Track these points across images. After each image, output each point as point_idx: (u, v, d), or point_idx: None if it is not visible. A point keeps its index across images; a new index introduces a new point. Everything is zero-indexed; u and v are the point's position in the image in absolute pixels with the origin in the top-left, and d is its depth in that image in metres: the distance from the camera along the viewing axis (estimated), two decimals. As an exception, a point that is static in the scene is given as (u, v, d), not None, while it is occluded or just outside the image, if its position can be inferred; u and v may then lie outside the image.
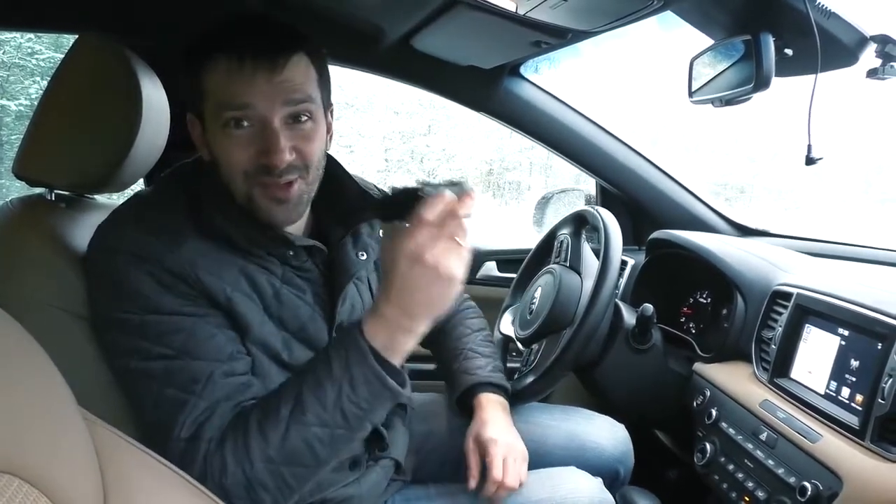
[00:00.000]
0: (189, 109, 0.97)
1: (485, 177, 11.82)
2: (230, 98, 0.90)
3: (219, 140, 0.92)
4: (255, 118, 0.91)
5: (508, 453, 1.14)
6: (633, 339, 1.41)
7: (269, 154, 0.91)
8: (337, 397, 0.85)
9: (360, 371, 0.85)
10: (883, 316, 1.01)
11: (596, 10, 1.17)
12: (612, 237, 1.32)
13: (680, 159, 11.63)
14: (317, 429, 0.86)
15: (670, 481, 1.78)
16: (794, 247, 1.72)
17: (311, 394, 0.86)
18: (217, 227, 0.94)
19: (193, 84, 0.93)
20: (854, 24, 1.10)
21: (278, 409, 0.87)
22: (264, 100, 0.90)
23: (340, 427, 0.87)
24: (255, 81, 0.89)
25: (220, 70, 0.89)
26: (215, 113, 0.91)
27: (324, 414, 0.86)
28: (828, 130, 7.96)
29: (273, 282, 0.97)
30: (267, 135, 0.91)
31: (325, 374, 0.87)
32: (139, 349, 0.88)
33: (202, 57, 0.91)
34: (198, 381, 0.87)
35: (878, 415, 0.95)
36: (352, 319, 1.05)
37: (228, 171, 0.93)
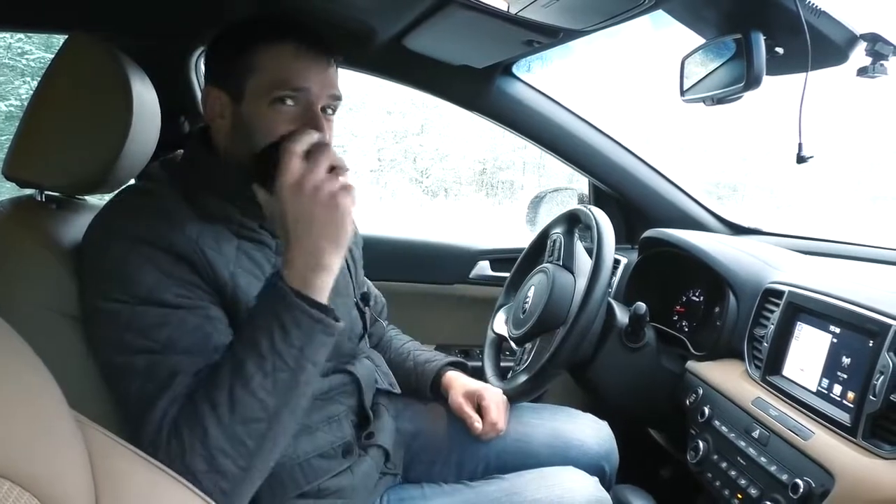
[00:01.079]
0: (213, 83, 1.01)
1: (478, 176, 11.80)
2: (291, 79, 0.97)
3: (262, 113, 0.97)
4: (303, 101, 0.98)
5: (499, 400, 1.32)
6: (626, 338, 1.41)
7: (316, 129, 0.97)
8: (271, 344, 0.85)
9: (286, 313, 0.86)
10: (874, 313, 1.02)
11: (587, 9, 1.17)
12: (605, 236, 1.32)
13: (672, 158, 11.66)
14: (259, 377, 0.85)
15: (664, 479, 1.78)
16: (786, 245, 1.72)
17: (248, 349, 0.86)
18: (211, 208, 0.97)
19: (237, 60, 0.98)
20: (844, 22, 1.11)
21: (219, 372, 0.86)
22: (317, 86, 0.99)
23: (281, 370, 0.86)
24: (313, 69, 0.99)
25: (285, 53, 0.97)
26: (266, 89, 0.97)
27: (263, 363, 0.85)
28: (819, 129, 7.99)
29: (269, 257, 1.02)
30: (313, 114, 0.98)
31: (256, 327, 0.87)
32: (125, 342, 0.88)
33: (264, 37, 0.98)
34: (176, 375, 0.87)
35: (869, 412, 0.96)
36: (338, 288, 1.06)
37: (264, 138, 0.97)
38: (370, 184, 10.96)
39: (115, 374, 0.90)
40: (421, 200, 11.28)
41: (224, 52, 1.01)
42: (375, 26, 1.44)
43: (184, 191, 0.98)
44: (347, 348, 1.15)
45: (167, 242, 0.90)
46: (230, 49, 1.00)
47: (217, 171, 1.00)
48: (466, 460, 1.31)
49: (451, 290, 2.11)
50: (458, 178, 11.85)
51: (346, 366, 1.14)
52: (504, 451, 1.31)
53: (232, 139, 1.01)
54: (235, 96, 0.99)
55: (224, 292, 0.95)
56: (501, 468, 1.28)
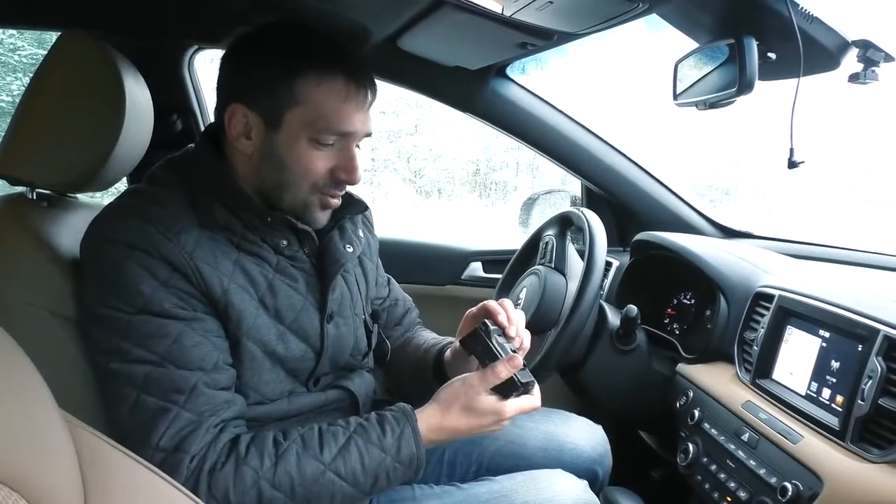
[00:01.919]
0: (242, 101, 0.96)
1: (471, 177, 11.81)
2: (338, 122, 0.95)
3: (299, 149, 0.96)
4: (342, 140, 0.98)
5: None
6: (618, 340, 1.42)
7: (350, 172, 0.99)
8: (379, 463, 0.93)
9: (408, 451, 0.94)
10: (863, 318, 1.02)
11: (582, 12, 1.17)
12: (597, 238, 1.33)
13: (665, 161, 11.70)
14: (346, 485, 0.92)
15: (654, 482, 1.79)
16: (776, 248, 1.73)
17: (357, 450, 0.93)
18: (215, 217, 0.95)
19: (278, 87, 0.94)
20: (836, 28, 1.11)
21: (321, 448, 0.92)
22: (360, 128, 0.98)
23: (363, 490, 0.94)
24: (360, 111, 0.98)
25: (335, 91, 0.94)
26: (310, 126, 0.95)
27: (360, 473, 0.92)
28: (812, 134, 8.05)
29: (266, 274, 0.99)
30: (350, 156, 0.99)
31: (376, 440, 0.94)
32: (121, 350, 0.87)
33: (314, 68, 0.94)
34: (181, 391, 0.88)
35: (857, 416, 0.97)
36: (342, 309, 1.11)
37: (298, 178, 0.98)
38: (364, 184, 10.94)
39: (111, 381, 0.89)
40: (414, 201, 11.28)
41: (258, 71, 0.95)
42: (370, 27, 1.43)
43: (188, 194, 0.96)
44: (349, 363, 1.14)
45: (162, 253, 0.89)
46: (268, 69, 0.94)
47: (226, 181, 0.98)
48: (459, 462, 1.31)
49: (444, 291, 2.11)
50: (452, 178, 11.86)
51: (344, 381, 1.12)
52: (497, 453, 1.31)
53: (257, 164, 0.99)
54: (271, 123, 0.96)
55: (217, 307, 0.94)
56: (494, 470, 1.28)
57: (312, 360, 1.05)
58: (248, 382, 0.98)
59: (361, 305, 1.19)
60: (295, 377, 1.04)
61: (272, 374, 1.00)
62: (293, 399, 1.03)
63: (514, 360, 0.97)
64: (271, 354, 0.99)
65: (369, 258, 1.27)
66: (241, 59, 0.99)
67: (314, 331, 1.04)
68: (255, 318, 0.96)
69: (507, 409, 0.98)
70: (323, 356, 1.05)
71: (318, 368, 1.06)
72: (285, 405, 1.02)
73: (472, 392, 0.97)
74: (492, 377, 0.97)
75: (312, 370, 1.05)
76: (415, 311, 1.46)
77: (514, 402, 0.99)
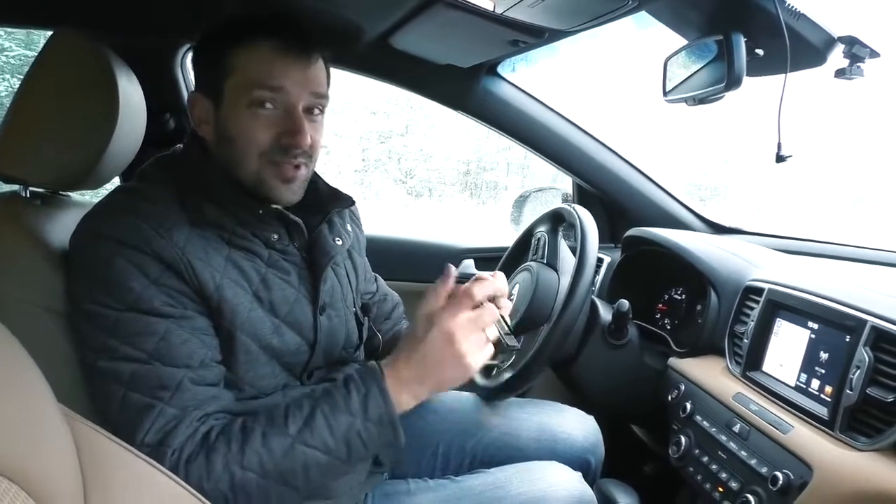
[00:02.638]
0: (198, 88, 1.02)
1: (462, 177, 11.83)
2: (267, 79, 0.95)
3: (240, 117, 0.97)
4: (282, 102, 0.97)
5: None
6: (610, 335, 1.43)
7: (293, 135, 0.97)
8: (348, 429, 0.90)
9: (376, 409, 0.91)
10: (851, 309, 1.04)
11: (572, 10, 1.18)
12: (589, 235, 1.33)
13: (655, 159, 11.75)
14: (319, 454, 0.89)
15: (646, 476, 1.80)
16: (766, 244, 1.75)
17: (324, 419, 0.90)
18: (205, 214, 0.96)
19: (216, 62, 0.97)
20: (822, 25, 1.13)
21: (286, 423, 0.90)
22: (296, 86, 0.97)
23: (340, 458, 0.91)
24: (292, 68, 0.97)
25: (261, 52, 0.96)
26: (243, 91, 0.96)
27: (329, 441, 0.89)
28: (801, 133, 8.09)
29: (258, 268, 1.00)
30: (294, 118, 0.98)
31: (342, 404, 0.91)
32: (109, 347, 0.88)
33: (241, 37, 0.96)
34: (167, 388, 0.88)
35: (846, 405, 0.98)
36: (334, 301, 1.11)
37: (244, 148, 0.98)
38: (354, 184, 10.94)
39: (99, 378, 0.89)
40: (405, 201, 11.29)
41: (205, 56, 1.01)
42: (362, 25, 1.44)
43: (178, 192, 0.97)
44: (341, 357, 1.15)
45: (154, 249, 0.89)
46: (210, 52, 0.99)
47: (212, 176, 0.99)
48: (453, 454, 1.31)
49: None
50: (443, 178, 11.87)
51: (337, 374, 1.12)
52: (491, 445, 1.32)
53: (218, 146, 1.01)
54: (216, 101, 0.99)
55: (210, 303, 0.94)
56: (488, 462, 1.29)
57: (307, 352, 1.05)
58: (243, 377, 0.98)
59: (352, 298, 1.19)
60: (289, 371, 1.04)
61: (267, 368, 1.00)
62: (288, 392, 1.03)
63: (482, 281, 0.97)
64: (266, 348, 0.99)
65: (358, 252, 1.28)
66: (194, 53, 1.05)
67: (308, 323, 1.05)
68: (250, 312, 0.97)
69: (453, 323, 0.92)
70: (317, 348, 1.06)
71: (311, 361, 1.06)
72: (280, 398, 1.02)
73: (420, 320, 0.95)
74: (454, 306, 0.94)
75: (306, 363, 1.06)
76: (402, 307, 1.47)
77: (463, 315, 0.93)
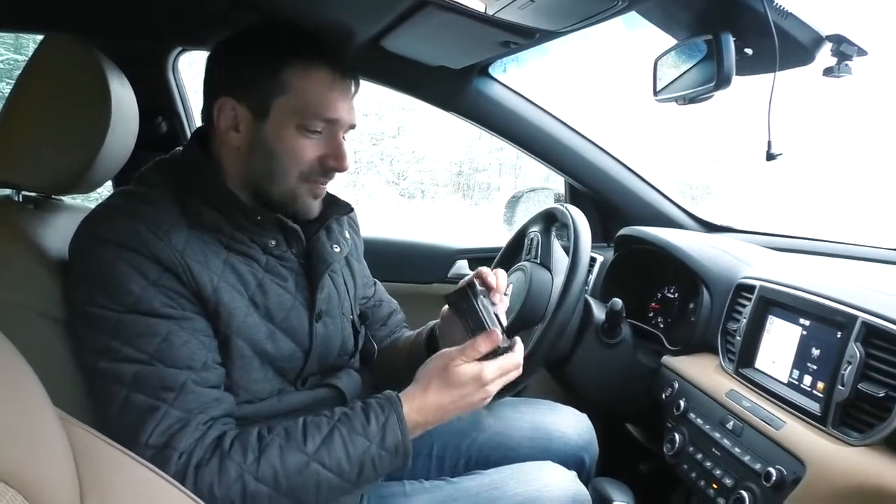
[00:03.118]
0: (230, 94, 0.99)
1: (454, 178, 11.82)
2: (324, 110, 0.98)
3: (288, 137, 0.98)
4: (329, 129, 1.00)
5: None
6: (603, 334, 1.43)
7: (339, 160, 1.02)
8: (363, 452, 0.92)
9: (392, 438, 0.93)
10: (842, 306, 1.05)
11: (563, 11, 1.18)
12: (582, 234, 1.34)
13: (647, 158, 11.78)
14: (331, 475, 0.91)
15: (641, 474, 1.81)
16: (757, 242, 1.76)
17: (342, 440, 0.92)
18: (203, 218, 0.96)
19: (265, 75, 0.96)
20: (810, 24, 1.14)
21: (304, 441, 0.91)
22: (345, 116, 1.01)
23: (349, 480, 0.92)
24: (343, 100, 1.00)
25: (319, 79, 0.97)
26: (297, 114, 0.97)
27: (344, 463, 0.91)
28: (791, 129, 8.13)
29: (256, 273, 1.00)
30: (338, 144, 1.01)
31: (360, 428, 0.93)
32: (110, 349, 0.88)
33: (299, 57, 0.97)
34: (170, 389, 0.88)
35: (838, 401, 0.99)
36: (330, 308, 1.11)
37: (287, 166, 1.00)
38: (347, 186, 10.93)
39: (100, 380, 0.89)
40: (398, 202, 11.27)
41: (247, 63, 0.98)
42: (354, 27, 1.44)
43: (177, 196, 0.97)
44: (336, 363, 1.15)
45: (152, 252, 0.90)
46: (256, 60, 0.97)
47: (214, 181, 0.99)
48: (448, 455, 1.32)
49: (430, 289, 2.12)
50: (435, 180, 11.86)
51: (332, 380, 1.13)
52: (485, 444, 1.33)
53: (246, 157, 1.01)
54: (258, 113, 0.98)
55: (207, 306, 0.94)
56: (483, 462, 1.29)
57: (301, 359, 1.05)
58: (237, 381, 0.98)
59: (349, 305, 1.19)
60: (283, 376, 1.04)
61: (261, 373, 1.01)
62: (282, 398, 1.04)
63: (493, 336, 0.97)
64: (261, 353, 1.00)
65: (356, 259, 1.28)
66: (229, 55, 1.01)
67: (303, 330, 1.05)
68: (246, 317, 0.97)
69: (486, 371, 0.96)
70: (311, 355, 1.06)
71: (306, 368, 1.06)
72: (275, 403, 1.02)
73: (452, 364, 0.96)
74: (471, 351, 0.96)
75: (300, 369, 1.06)
76: (400, 314, 1.45)
77: (494, 364, 0.97)
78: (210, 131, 1.03)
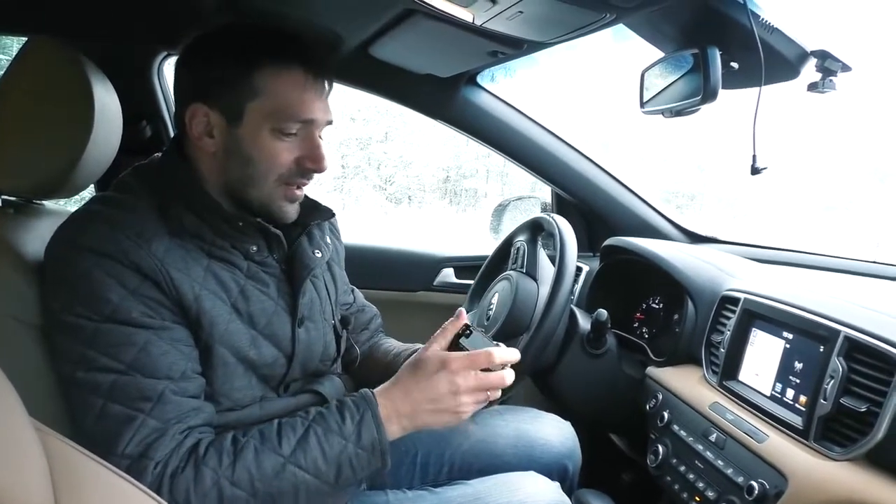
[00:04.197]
0: (202, 100, 0.96)
1: (442, 184, 11.84)
2: (299, 112, 0.96)
3: (263, 140, 0.96)
4: (305, 130, 0.99)
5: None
6: (588, 344, 1.43)
7: (317, 161, 1.00)
8: (340, 452, 0.91)
9: (369, 435, 0.92)
10: (825, 320, 1.05)
11: (551, 22, 1.19)
12: (568, 244, 1.34)
13: (632, 168, 11.85)
14: (309, 476, 0.90)
15: (625, 484, 1.81)
16: (742, 253, 1.77)
17: (317, 439, 0.91)
18: (184, 224, 0.95)
19: (237, 80, 0.94)
20: (796, 39, 1.15)
21: (279, 443, 0.90)
22: (321, 115, 0.99)
23: (327, 481, 0.91)
24: (317, 99, 0.98)
25: (292, 80, 0.95)
26: (271, 117, 0.95)
27: (321, 463, 0.90)
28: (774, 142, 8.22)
29: (238, 279, 0.99)
30: (315, 144, 1.00)
31: (335, 426, 0.92)
32: (87, 358, 0.86)
33: (271, 58, 0.95)
34: (148, 399, 0.87)
35: (820, 415, 0.99)
36: (312, 314, 1.10)
37: (264, 170, 0.98)
38: (334, 191, 10.91)
39: (76, 389, 0.88)
40: (385, 208, 11.27)
41: (218, 67, 0.95)
42: (342, 34, 1.44)
43: (157, 202, 0.95)
44: (318, 369, 1.14)
45: (132, 260, 0.88)
46: (227, 64, 0.95)
47: (192, 187, 0.98)
48: (431, 463, 1.31)
49: (415, 297, 2.11)
50: (422, 185, 11.87)
51: (315, 385, 1.12)
52: (469, 452, 1.32)
53: (223, 162, 0.99)
54: (231, 118, 0.96)
55: (188, 314, 0.93)
56: (466, 470, 1.29)
57: (284, 365, 1.04)
58: (219, 389, 0.97)
59: (331, 310, 1.19)
60: (266, 383, 1.03)
61: (244, 380, 0.99)
62: (265, 405, 1.03)
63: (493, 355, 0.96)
64: (244, 360, 0.98)
65: (337, 264, 1.27)
66: (197, 59, 0.98)
67: (285, 336, 1.04)
68: (228, 324, 0.96)
69: (452, 360, 0.95)
70: (294, 361, 1.05)
71: (288, 374, 1.05)
72: (257, 411, 1.01)
73: (422, 351, 0.97)
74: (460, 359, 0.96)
75: (283, 376, 1.05)
76: (379, 319, 1.45)
77: (462, 357, 0.96)
78: (185, 137, 1.01)
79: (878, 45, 5.78)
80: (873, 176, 12.18)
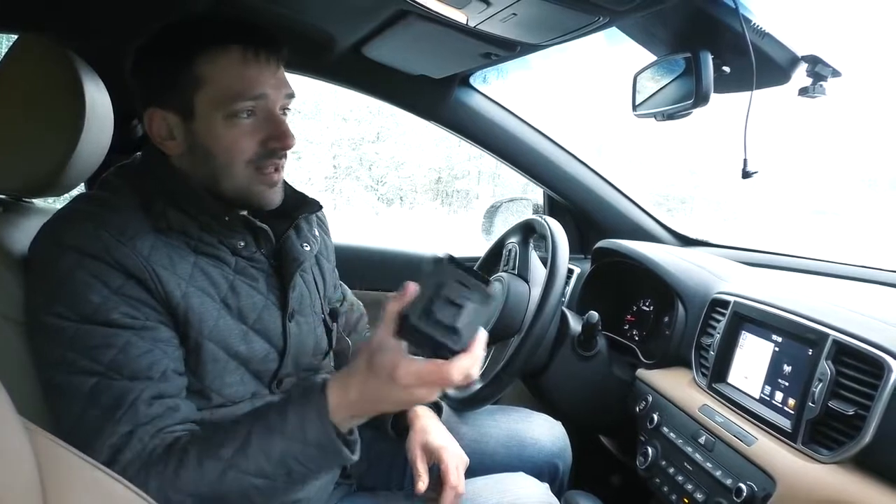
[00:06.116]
0: (154, 103, 0.95)
1: (433, 185, 11.84)
2: (246, 89, 0.93)
3: (219, 129, 0.94)
4: (261, 108, 0.95)
5: (459, 461, 1.13)
6: (579, 346, 1.44)
7: (281, 139, 0.96)
8: (284, 452, 0.84)
9: (315, 434, 0.84)
10: (813, 323, 1.06)
11: (544, 25, 1.19)
12: (559, 246, 1.35)
13: (624, 170, 11.89)
14: (255, 479, 0.85)
15: (614, 485, 1.81)
16: (732, 256, 1.78)
17: (258, 442, 0.85)
18: (169, 221, 0.93)
19: (178, 74, 0.92)
20: (787, 44, 1.16)
21: (221, 446, 0.85)
22: (273, 90, 0.95)
23: (280, 481, 0.86)
24: (265, 73, 0.94)
25: (231, 60, 0.92)
26: (220, 104, 0.92)
27: (266, 466, 0.84)
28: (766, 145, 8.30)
29: (227, 274, 0.98)
30: (277, 121, 0.96)
31: (277, 426, 0.85)
32: (67, 361, 0.85)
33: (206, 44, 0.92)
34: (122, 403, 0.85)
35: (808, 418, 1.00)
36: (302, 308, 1.09)
37: (229, 160, 0.95)
38: (325, 191, 10.89)
39: (56, 391, 0.87)
40: (376, 208, 11.26)
41: (158, 67, 0.94)
42: (335, 35, 1.44)
43: (141, 199, 0.94)
44: (311, 364, 1.13)
45: (116, 259, 0.87)
46: (167, 62, 0.93)
47: (175, 183, 0.97)
48: None
49: (407, 297, 2.10)
50: (414, 186, 11.86)
51: None
52: None
53: (191, 161, 0.97)
54: (184, 114, 0.94)
55: (176, 313, 0.91)
56: None
57: (276, 360, 1.03)
58: (210, 385, 0.96)
59: (320, 304, 1.18)
60: (258, 379, 1.02)
61: (235, 376, 0.98)
62: (256, 401, 1.01)
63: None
64: (235, 356, 0.97)
65: (326, 258, 1.26)
66: (142, 64, 0.97)
67: (276, 330, 1.03)
68: (218, 320, 0.95)
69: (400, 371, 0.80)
70: (286, 356, 1.04)
71: (281, 369, 1.04)
72: (248, 407, 1.01)
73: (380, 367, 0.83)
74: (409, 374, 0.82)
75: (275, 371, 1.04)
76: (366, 318, 1.44)
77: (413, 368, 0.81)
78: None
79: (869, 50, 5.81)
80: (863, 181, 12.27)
